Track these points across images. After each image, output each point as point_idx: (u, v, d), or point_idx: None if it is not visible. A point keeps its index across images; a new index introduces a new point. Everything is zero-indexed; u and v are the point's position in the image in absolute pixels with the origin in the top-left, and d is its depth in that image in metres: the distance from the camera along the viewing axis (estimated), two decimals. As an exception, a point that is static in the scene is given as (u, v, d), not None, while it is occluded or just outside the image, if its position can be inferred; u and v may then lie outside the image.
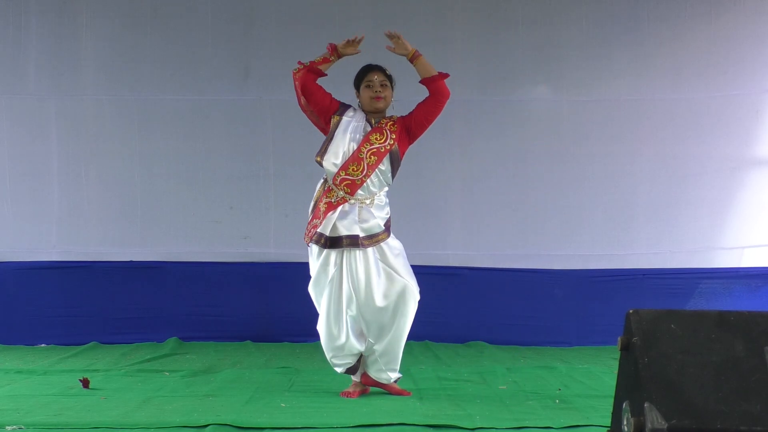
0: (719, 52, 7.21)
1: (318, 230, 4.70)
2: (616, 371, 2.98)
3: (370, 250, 4.69)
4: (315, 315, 7.27)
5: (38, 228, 7.18)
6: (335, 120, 4.80)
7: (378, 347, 4.76)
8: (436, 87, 4.76)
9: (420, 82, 4.80)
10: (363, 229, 4.68)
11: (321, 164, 4.81)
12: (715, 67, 7.22)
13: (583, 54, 7.24)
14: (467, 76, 7.24)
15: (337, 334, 4.74)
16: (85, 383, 4.97)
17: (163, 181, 7.22)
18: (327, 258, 4.71)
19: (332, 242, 4.67)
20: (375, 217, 4.72)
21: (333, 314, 4.74)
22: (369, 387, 4.89)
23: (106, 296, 7.13)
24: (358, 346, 4.75)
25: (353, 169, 4.70)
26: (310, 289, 4.84)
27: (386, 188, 4.82)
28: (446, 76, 4.79)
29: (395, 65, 4.90)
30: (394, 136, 4.73)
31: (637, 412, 2.67)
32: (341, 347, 4.75)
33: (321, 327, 4.82)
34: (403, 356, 4.85)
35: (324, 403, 4.53)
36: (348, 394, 4.79)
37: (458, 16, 7.31)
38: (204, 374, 5.52)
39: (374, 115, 4.81)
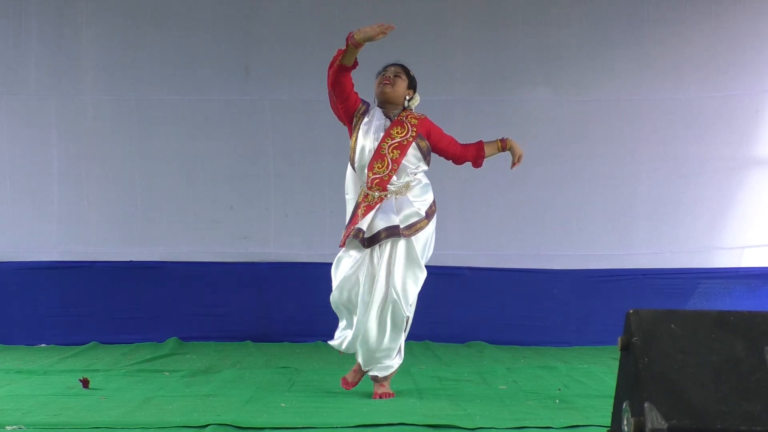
0: (719, 51, 7.21)
1: (356, 226, 4.59)
2: (616, 371, 2.98)
3: (412, 239, 4.63)
4: (315, 314, 7.34)
5: (38, 228, 7.18)
6: (355, 121, 4.75)
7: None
8: (475, 164, 5.06)
9: (479, 152, 5.03)
10: (401, 219, 4.61)
11: (354, 169, 4.76)
12: (715, 67, 7.22)
13: (583, 54, 7.25)
14: (467, 76, 7.24)
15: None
16: (85, 383, 4.97)
17: (163, 180, 7.22)
18: (363, 255, 4.59)
19: (371, 240, 4.58)
20: (413, 206, 4.67)
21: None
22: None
23: (106, 296, 7.13)
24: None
25: (378, 167, 4.66)
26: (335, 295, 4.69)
27: (422, 172, 4.78)
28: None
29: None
30: (415, 130, 4.73)
31: (637, 412, 2.67)
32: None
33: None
34: (404, 356, 4.85)
35: (324, 403, 4.53)
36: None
37: (458, 16, 7.31)
38: (204, 374, 5.52)
39: (391, 109, 4.79)
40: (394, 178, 4.67)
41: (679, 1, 7.21)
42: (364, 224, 4.57)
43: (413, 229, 4.65)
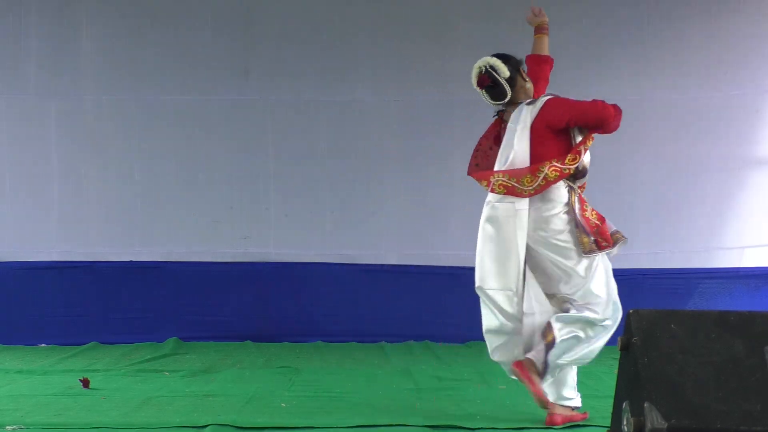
0: (720, 51, 7.20)
1: (615, 228, 4.35)
2: (616, 371, 2.98)
3: None
4: (315, 314, 7.32)
5: (38, 228, 7.18)
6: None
7: None
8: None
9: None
10: None
11: (579, 167, 4.49)
12: (716, 67, 7.21)
13: (583, 53, 7.24)
14: (467, 76, 7.22)
15: None
16: (85, 383, 4.97)
17: (163, 181, 7.22)
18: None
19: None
20: None
21: None
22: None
23: (106, 296, 7.13)
24: None
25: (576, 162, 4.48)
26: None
27: None
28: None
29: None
30: None
31: (637, 412, 2.67)
32: None
33: None
34: (403, 356, 4.83)
35: (324, 403, 4.53)
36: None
37: (458, 16, 7.30)
38: (204, 374, 5.52)
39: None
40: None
41: (679, 1, 7.21)
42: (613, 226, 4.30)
43: None
